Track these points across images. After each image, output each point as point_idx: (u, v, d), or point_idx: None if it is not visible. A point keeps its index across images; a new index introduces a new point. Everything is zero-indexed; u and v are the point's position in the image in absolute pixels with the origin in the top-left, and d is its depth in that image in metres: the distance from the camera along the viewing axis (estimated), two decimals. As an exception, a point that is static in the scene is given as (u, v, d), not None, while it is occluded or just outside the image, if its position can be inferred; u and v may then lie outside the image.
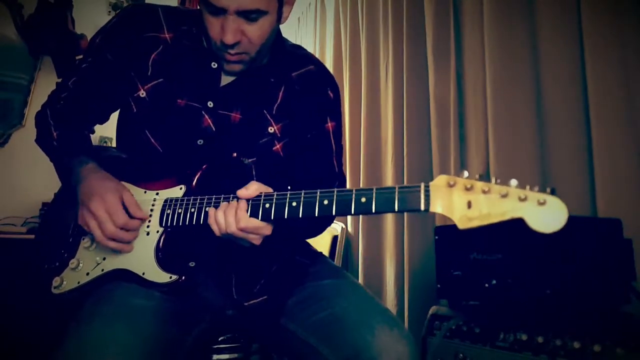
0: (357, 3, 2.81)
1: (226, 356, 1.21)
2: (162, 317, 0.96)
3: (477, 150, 1.80)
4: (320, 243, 2.41)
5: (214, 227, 0.95)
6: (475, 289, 1.22)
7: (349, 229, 2.67)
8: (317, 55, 3.36)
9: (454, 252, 1.31)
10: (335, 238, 2.49)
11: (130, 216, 1.01)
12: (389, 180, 2.31)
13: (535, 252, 1.10)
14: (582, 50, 1.47)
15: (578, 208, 1.44)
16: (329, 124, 1.25)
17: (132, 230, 1.01)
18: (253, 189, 0.95)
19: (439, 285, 1.34)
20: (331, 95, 1.25)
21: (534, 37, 1.65)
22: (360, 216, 2.49)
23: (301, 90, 1.20)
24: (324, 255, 1.26)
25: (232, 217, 0.93)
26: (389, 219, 2.30)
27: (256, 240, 0.96)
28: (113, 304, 0.95)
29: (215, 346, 1.21)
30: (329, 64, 3.22)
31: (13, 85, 3.00)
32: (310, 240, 1.30)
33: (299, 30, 3.83)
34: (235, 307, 1.11)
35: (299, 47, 1.28)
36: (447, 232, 1.39)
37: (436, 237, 1.39)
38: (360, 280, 2.41)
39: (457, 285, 1.28)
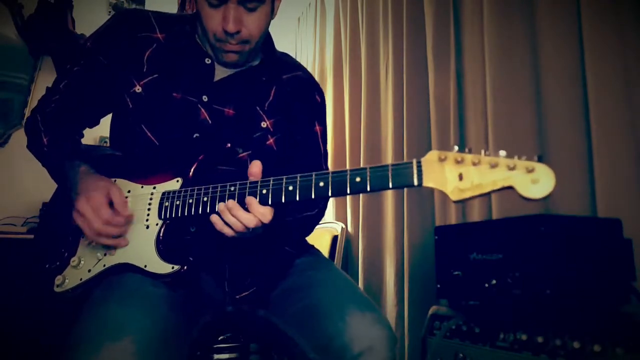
0: (357, 3, 2.81)
1: (226, 356, 1.21)
2: (172, 304, 0.97)
3: (477, 150, 1.79)
4: (321, 243, 2.41)
5: (226, 230, 0.95)
6: (475, 289, 1.22)
7: (349, 229, 2.67)
8: (317, 55, 3.39)
9: (454, 252, 1.31)
10: (335, 238, 2.49)
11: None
12: (389, 180, 2.30)
13: (535, 252, 1.10)
14: (582, 50, 1.47)
15: (578, 208, 1.44)
16: (317, 128, 1.30)
17: (118, 226, 1.01)
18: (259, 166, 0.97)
19: (439, 285, 1.34)
20: (318, 99, 1.32)
21: (534, 37, 1.65)
22: (360, 216, 2.49)
23: (291, 92, 1.25)
24: (314, 248, 1.27)
25: (245, 214, 0.93)
26: (389, 219, 2.30)
27: (259, 228, 0.96)
28: (125, 288, 0.96)
29: (216, 346, 1.21)
30: (329, 64, 3.23)
31: (13, 85, 3.00)
32: (311, 240, 1.31)
33: (299, 30, 3.83)
34: (232, 302, 1.12)
35: (287, 55, 1.34)
36: (447, 232, 1.39)
37: (436, 237, 1.39)
38: (360, 280, 2.41)
39: (457, 285, 1.28)
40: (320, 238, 2.45)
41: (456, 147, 0.79)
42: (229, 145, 1.15)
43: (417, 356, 1.95)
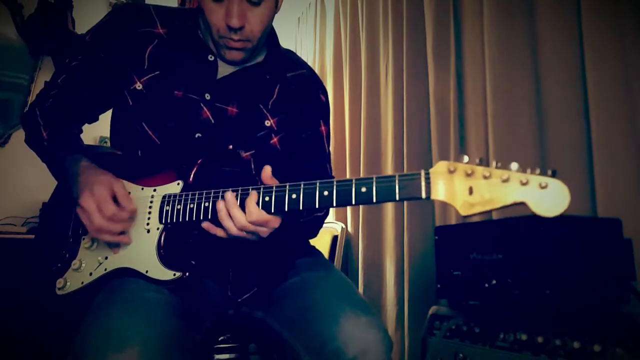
0: (357, 3, 2.81)
1: (227, 356, 1.21)
2: (174, 311, 0.96)
3: (477, 150, 1.80)
4: (321, 243, 2.41)
5: (222, 228, 0.94)
6: (475, 289, 1.22)
7: (349, 229, 2.67)
8: (317, 55, 3.39)
9: (454, 252, 1.31)
10: (335, 238, 2.49)
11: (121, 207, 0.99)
12: (389, 180, 2.31)
13: (535, 252, 1.10)
14: (582, 50, 1.47)
15: (578, 208, 1.44)
16: (322, 128, 1.28)
17: (121, 222, 0.99)
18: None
19: (439, 285, 1.34)
20: (323, 99, 1.29)
21: (534, 37, 1.65)
22: (360, 216, 2.49)
23: (296, 90, 1.22)
24: (315, 249, 1.26)
25: (239, 212, 0.91)
26: (389, 218, 2.30)
27: (265, 233, 0.95)
28: (127, 294, 0.94)
29: (217, 346, 1.21)
30: (329, 64, 3.23)
31: (13, 85, 3.00)
32: (311, 240, 1.30)
33: (299, 30, 3.83)
34: (234, 306, 1.11)
35: (291, 52, 1.32)
36: (447, 232, 1.39)
37: (436, 237, 1.39)
38: (360, 280, 2.42)
39: (457, 285, 1.28)
40: (320, 238, 2.43)
41: (466, 158, 0.75)
42: (230, 147, 1.13)
43: (417, 356, 1.95)
